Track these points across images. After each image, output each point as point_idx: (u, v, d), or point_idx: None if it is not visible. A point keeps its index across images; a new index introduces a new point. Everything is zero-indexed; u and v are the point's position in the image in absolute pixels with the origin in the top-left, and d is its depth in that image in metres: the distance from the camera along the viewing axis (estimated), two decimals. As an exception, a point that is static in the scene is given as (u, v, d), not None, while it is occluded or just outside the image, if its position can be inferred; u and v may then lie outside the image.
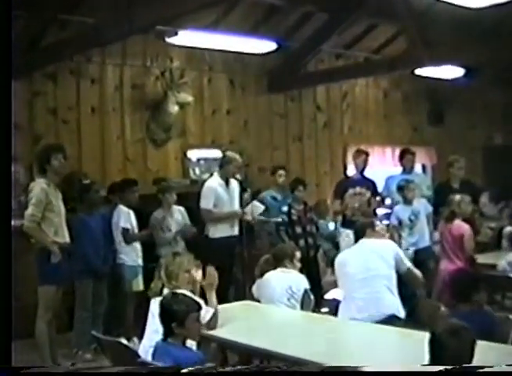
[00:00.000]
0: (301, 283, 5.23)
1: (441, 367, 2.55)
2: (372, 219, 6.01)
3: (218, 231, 6.97)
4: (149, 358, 3.68)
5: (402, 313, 5.01)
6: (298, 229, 7.41)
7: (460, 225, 6.42)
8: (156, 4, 5.57)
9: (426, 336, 3.00)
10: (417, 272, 5.35)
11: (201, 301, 4.29)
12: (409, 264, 5.33)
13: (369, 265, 5.12)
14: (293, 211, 7.47)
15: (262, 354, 4.04)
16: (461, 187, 7.56)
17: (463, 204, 6.56)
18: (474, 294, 4.34)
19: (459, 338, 2.83)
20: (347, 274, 5.25)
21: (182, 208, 7.12)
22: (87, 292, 6.24)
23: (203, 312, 4.21)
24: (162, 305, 3.73)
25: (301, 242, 7.31)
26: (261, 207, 7.23)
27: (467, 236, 6.36)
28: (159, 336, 3.73)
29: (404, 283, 6.92)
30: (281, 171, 8.05)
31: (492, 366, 2.54)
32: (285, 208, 7.53)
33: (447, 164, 8.03)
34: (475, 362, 2.80)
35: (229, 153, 7.24)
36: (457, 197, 6.57)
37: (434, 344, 2.89)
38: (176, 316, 3.54)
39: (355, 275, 5.13)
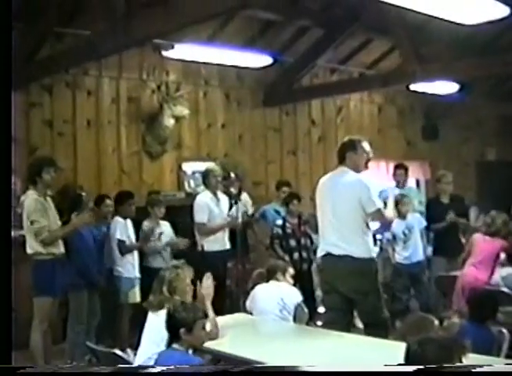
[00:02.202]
0: (293, 295, 5.25)
1: (418, 367, 2.55)
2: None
3: (212, 244, 6.99)
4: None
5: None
6: (292, 243, 7.42)
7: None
8: (153, 17, 5.62)
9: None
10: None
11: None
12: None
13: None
14: (287, 224, 7.48)
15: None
16: (451, 202, 7.69)
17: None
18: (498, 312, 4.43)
19: (424, 350, 2.79)
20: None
21: (167, 223, 7.15)
22: (82, 305, 6.19)
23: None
24: (170, 312, 3.79)
25: (295, 255, 7.33)
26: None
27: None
28: (157, 348, 3.76)
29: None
30: (285, 188, 8.16)
31: (476, 366, 2.54)
32: (279, 222, 7.56)
33: (435, 180, 8.16)
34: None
35: (208, 165, 7.39)
36: (492, 212, 6.60)
37: (406, 354, 2.87)
38: (185, 323, 3.62)
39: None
